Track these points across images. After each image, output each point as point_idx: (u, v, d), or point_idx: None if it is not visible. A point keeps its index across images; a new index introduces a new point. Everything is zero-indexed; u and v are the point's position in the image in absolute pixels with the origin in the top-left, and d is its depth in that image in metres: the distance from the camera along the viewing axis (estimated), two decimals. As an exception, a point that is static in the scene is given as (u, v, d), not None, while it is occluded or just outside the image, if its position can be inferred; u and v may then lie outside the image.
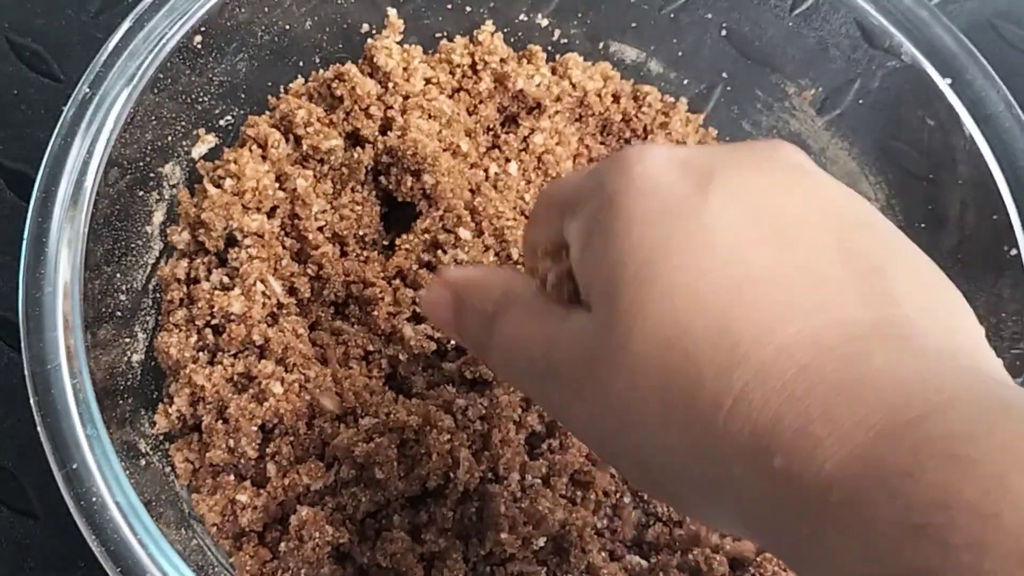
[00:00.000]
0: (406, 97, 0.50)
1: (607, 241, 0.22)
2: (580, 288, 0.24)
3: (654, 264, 0.22)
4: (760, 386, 0.20)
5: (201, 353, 0.45)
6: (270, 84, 0.51)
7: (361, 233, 0.48)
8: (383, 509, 0.42)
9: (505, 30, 0.54)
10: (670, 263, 0.21)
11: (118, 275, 0.44)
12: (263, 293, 0.44)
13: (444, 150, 0.48)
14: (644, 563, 0.43)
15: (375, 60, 0.50)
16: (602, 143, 0.54)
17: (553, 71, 0.53)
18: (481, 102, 0.51)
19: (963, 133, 0.45)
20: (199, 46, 0.46)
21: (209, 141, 0.49)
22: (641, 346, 0.21)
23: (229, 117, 0.50)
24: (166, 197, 0.47)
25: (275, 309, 0.45)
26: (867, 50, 0.48)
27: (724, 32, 0.53)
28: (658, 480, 0.23)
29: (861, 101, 0.50)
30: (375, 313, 0.45)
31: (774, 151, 0.25)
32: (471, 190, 0.48)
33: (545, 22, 0.55)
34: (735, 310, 0.21)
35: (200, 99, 0.48)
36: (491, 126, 0.52)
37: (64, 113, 0.41)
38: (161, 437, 0.44)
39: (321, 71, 0.52)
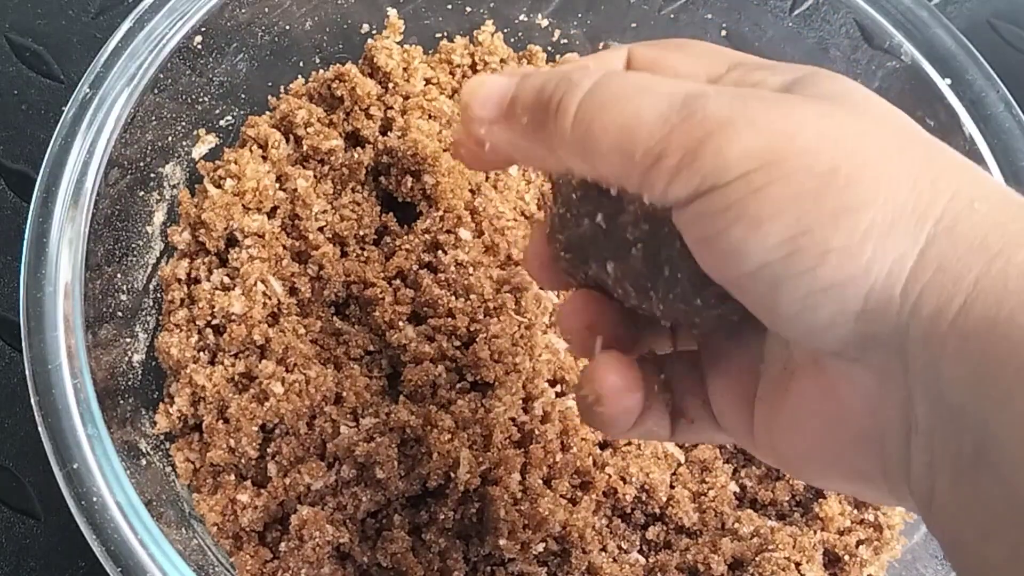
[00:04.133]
0: (406, 97, 0.50)
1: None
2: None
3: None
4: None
5: (202, 353, 0.45)
6: (270, 84, 0.51)
7: (361, 233, 0.48)
8: (383, 509, 0.42)
9: (505, 30, 0.54)
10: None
11: (119, 275, 0.44)
12: (264, 293, 0.44)
13: (444, 150, 0.48)
14: (644, 562, 0.43)
15: (375, 60, 0.50)
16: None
17: (553, 71, 0.53)
18: (481, 102, 0.51)
19: (963, 133, 0.45)
20: (199, 46, 0.46)
21: (209, 141, 0.49)
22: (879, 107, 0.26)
23: (229, 117, 0.50)
24: (167, 197, 0.47)
25: (276, 309, 0.45)
26: (867, 50, 0.48)
27: (724, 33, 0.53)
28: (840, 212, 0.23)
29: (861, 101, 0.50)
30: (375, 313, 0.45)
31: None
32: (471, 190, 0.48)
33: (545, 22, 0.55)
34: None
35: (200, 99, 0.48)
36: (491, 126, 0.52)
37: (64, 113, 0.41)
38: (162, 437, 0.44)
39: (321, 71, 0.52)
